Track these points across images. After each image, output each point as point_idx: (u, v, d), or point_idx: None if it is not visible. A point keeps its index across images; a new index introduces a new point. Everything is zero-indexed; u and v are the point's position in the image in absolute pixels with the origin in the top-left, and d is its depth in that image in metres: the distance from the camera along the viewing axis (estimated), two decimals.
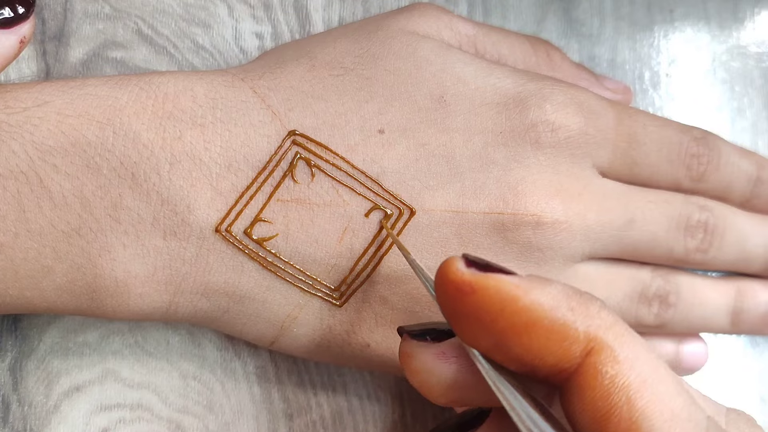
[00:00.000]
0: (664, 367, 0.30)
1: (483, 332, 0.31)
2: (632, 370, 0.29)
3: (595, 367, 0.29)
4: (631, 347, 0.30)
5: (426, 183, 0.40)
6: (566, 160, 0.42)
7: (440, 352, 0.34)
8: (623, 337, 0.30)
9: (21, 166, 0.36)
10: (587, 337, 0.30)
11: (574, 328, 0.30)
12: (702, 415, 0.30)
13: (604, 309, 0.31)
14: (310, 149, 0.39)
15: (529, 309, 0.30)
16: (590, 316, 0.30)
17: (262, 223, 0.39)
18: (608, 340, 0.30)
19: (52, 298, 0.38)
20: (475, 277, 0.30)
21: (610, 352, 0.29)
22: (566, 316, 0.30)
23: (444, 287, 0.31)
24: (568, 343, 0.30)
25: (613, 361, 0.29)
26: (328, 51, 0.42)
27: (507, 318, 0.30)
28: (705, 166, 0.45)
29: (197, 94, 0.39)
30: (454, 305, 0.31)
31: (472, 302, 0.30)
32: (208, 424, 0.45)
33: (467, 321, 0.31)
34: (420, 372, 0.34)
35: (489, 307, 0.30)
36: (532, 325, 0.30)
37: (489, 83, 0.42)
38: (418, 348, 0.34)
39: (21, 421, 0.43)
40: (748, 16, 0.53)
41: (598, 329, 0.30)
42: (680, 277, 0.46)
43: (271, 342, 0.42)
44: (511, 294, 0.30)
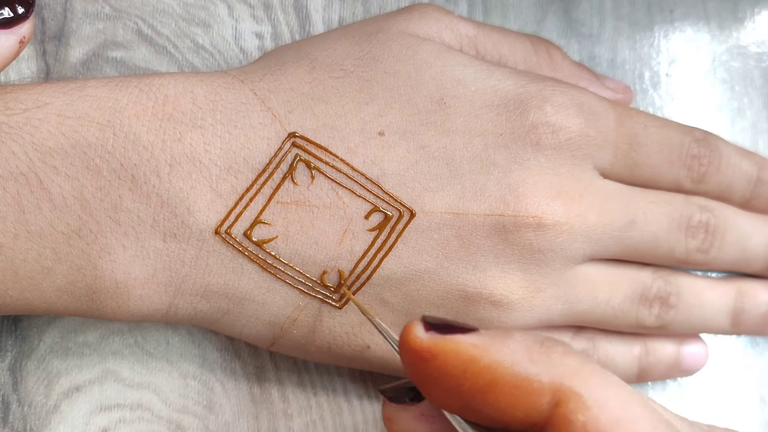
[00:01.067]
0: (638, 401, 0.30)
1: (450, 395, 0.31)
2: (603, 413, 0.29)
3: (565, 416, 0.29)
4: (600, 390, 0.29)
5: (426, 185, 0.40)
6: (567, 161, 0.42)
7: (419, 413, 0.34)
8: (591, 379, 0.29)
9: (21, 168, 0.36)
10: (552, 388, 0.29)
11: (537, 380, 0.29)
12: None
13: (569, 353, 0.30)
14: (310, 151, 0.39)
15: (490, 368, 0.30)
16: (553, 364, 0.30)
17: (261, 225, 0.39)
18: (575, 386, 0.29)
19: (52, 299, 0.38)
20: (434, 341, 0.30)
21: (578, 398, 0.29)
22: (528, 369, 0.29)
23: (405, 354, 0.31)
24: (534, 397, 0.29)
25: (582, 407, 0.29)
26: (328, 53, 0.42)
27: (470, 380, 0.30)
28: (706, 167, 0.45)
29: (197, 96, 0.39)
30: (417, 372, 0.31)
31: (434, 368, 0.30)
32: (208, 424, 0.45)
33: (433, 385, 0.31)
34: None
35: (450, 371, 0.30)
36: (495, 384, 0.30)
37: (489, 85, 0.42)
38: (397, 412, 0.35)
39: (21, 421, 0.43)
40: (748, 16, 0.53)
41: (563, 377, 0.29)
42: (681, 279, 0.46)
43: (271, 343, 0.42)
44: (470, 355, 0.30)
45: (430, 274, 0.40)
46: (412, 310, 0.41)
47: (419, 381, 0.31)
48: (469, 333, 0.30)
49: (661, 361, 0.47)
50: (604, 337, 0.46)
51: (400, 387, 0.35)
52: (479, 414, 0.30)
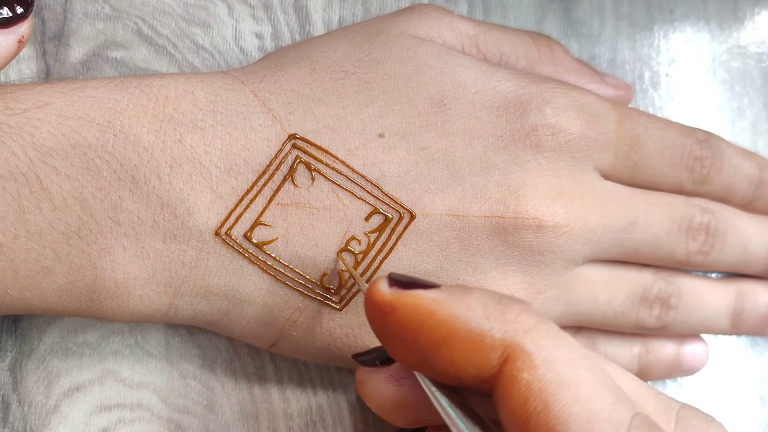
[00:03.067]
0: (588, 366, 0.30)
1: (408, 350, 0.31)
2: (549, 373, 0.29)
3: (511, 373, 0.29)
4: (550, 350, 0.29)
5: (426, 187, 0.40)
6: (567, 163, 0.42)
7: (389, 375, 0.35)
8: (543, 339, 0.30)
9: (21, 168, 0.36)
10: (503, 344, 0.30)
11: (490, 336, 0.30)
12: (626, 413, 0.29)
13: (525, 312, 0.31)
14: (310, 153, 0.39)
15: (446, 322, 0.30)
16: (507, 321, 0.30)
17: (262, 227, 0.39)
18: (525, 344, 0.29)
19: (52, 299, 0.38)
20: (394, 295, 0.31)
21: (527, 356, 0.29)
22: (482, 325, 0.30)
23: (369, 308, 0.32)
24: (485, 353, 0.30)
25: (529, 366, 0.29)
26: (329, 54, 0.42)
27: (426, 333, 0.30)
28: (708, 168, 0.45)
29: (198, 97, 0.39)
30: (379, 326, 0.32)
31: (394, 321, 0.31)
32: (208, 424, 0.45)
33: (393, 340, 0.32)
34: (373, 396, 0.36)
35: (408, 324, 0.31)
36: (449, 338, 0.30)
37: (489, 87, 0.42)
38: (368, 374, 0.36)
39: (21, 421, 0.43)
40: (748, 16, 0.53)
41: (515, 334, 0.30)
42: (681, 279, 0.46)
43: (271, 344, 0.42)
44: (428, 309, 0.30)
45: (431, 275, 0.40)
46: None
47: (381, 335, 0.32)
48: (430, 289, 0.31)
49: (662, 361, 0.47)
50: (603, 337, 0.46)
51: (372, 352, 0.37)
52: (435, 369, 0.31)
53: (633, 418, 0.29)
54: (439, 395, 0.31)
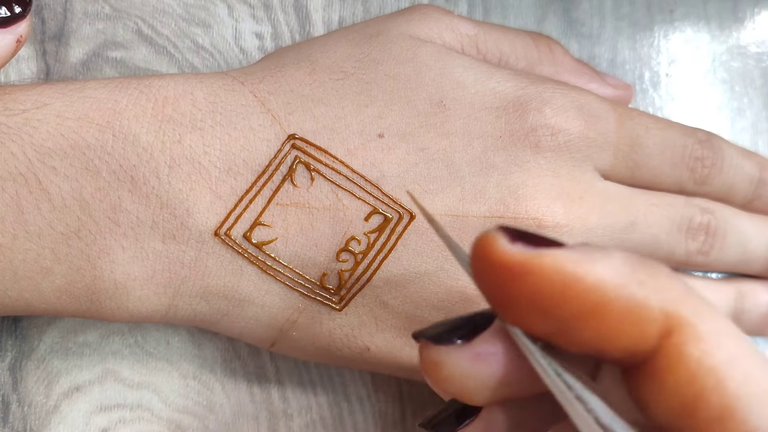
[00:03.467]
0: (747, 339, 0.26)
1: (542, 318, 0.27)
2: (718, 348, 0.26)
3: (678, 348, 0.26)
4: (712, 321, 0.26)
5: (426, 187, 0.40)
6: (567, 163, 0.42)
7: (475, 353, 0.30)
8: (701, 308, 0.26)
9: (20, 168, 0.36)
10: (664, 315, 0.26)
11: (647, 306, 0.26)
12: None
13: (673, 277, 0.27)
14: (309, 153, 0.39)
15: (595, 289, 0.26)
16: (663, 288, 0.26)
17: (261, 227, 0.39)
18: (687, 315, 0.26)
19: (52, 300, 0.38)
20: (528, 255, 0.26)
21: (692, 329, 0.26)
22: (637, 293, 0.26)
23: (488, 271, 0.27)
24: (643, 325, 0.26)
25: (696, 339, 0.26)
26: (328, 55, 0.42)
27: (570, 302, 0.26)
28: (709, 169, 0.45)
29: (197, 98, 0.39)
30: (503, 291, 0.27)
31: (528, 286, 0.26)
32: (208, 424, 0.45)
33: (522, 308, 0.27)
34: (455, 379, 0.30)
35: (548, 291, 0.26)
36: (600, 307, 0.26)
37: (488, 87, 0.42)
38: (447, 354, 0.30)
39: (21, 421, 0.43)
40: (748, 16, 0.53)
41: (674, 304, 0.26)
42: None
43: (271, 345, 0.42)
44: (573, 273, 0.26)
45: (430, 276, 0.40)
46: (413, 312, 0.41)
47: (503, 303, 0.28)
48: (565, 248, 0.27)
49: None
50: None
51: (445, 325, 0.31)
52: (574, 341, 0.27)
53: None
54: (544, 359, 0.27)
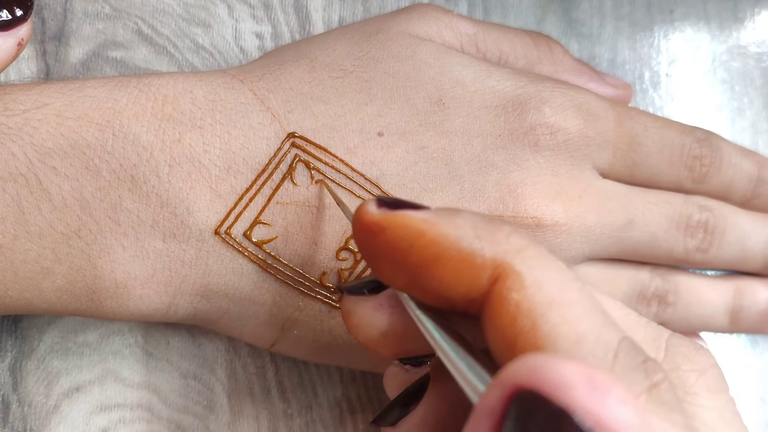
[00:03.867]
0: (578, 288, 0.29)
1: (397, 270, 0.31)
2: (539, 293, 0.28)
3: (501, 293, 0.28)
4: (540, 270, 0.29)
5: (425, 185, 0.40)
6: (566, 162, 0.42)
7: (377, 303, 0.34)
8: (533, 260, 0.29)
9: (20, 168, 0.36)
10: (494, 264, 0.29)
11: (480, 255, 0.29)
12: (614, 336, 0.28)
13: (515, 233, 0.30)
14: (309, 151, 0.39)
15: (436, 242, 0.29)
16: (497, 242, 0.29)
17: (261, 226, 0.39)
18: (515, 264, 0.29)
19: (52, 300, 0.38)
20: (383, 215, 0.30)
21: (517, 276, 0.28)
22: (473, 244, 0.29)
23: (358, 230, 0.31)
24: (475, 272, 0.29)
25: (519, 285, 0.28)
26: (328, 53, 0.42)
27: (416, 253, 0.30)
28: (707, 167, 0.45)
29: (196, 96, 0.39)
30: (367, 246, 0.31)
31: (383, 241, 0.30)
32: (208, 424, 0.45)
33: (381, 261, 0.31)
34: (360, 326, 0.34)
35: (397, 244, 0.30)
36: (439, 257, 0.29)
37: (488, 86, 0.42)
38: (356, 303, 0.34)
39: (21, 421, 0.43)
40: (748, 16, 0.53)
41: (505, 254, 0.29)
42: (679, 277, 0.46)
43: (272, 344, 0.42)
44: (418, 228, 0.30)
45: None
46: None
47: (369, 256, 0.32)
48: (419, 210, 0.30)
49: None
50: None
51: (360, 281, 0.35)
52: (424, 290, 0.31)
53: (621, 341, 0.28)
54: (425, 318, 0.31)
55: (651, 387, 0.28)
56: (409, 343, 0.34)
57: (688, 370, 0.31)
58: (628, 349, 0.28)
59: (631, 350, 0.28)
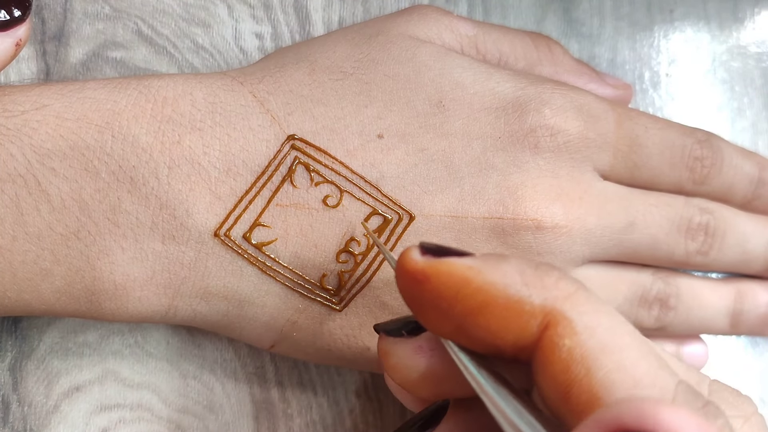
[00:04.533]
0: (630, 333, 0.29)
1: (443, 318, 0.31)
2: (591, 339, 0.28)
3: (552, 340, 0.28)
4: (591, 316, 0.29)
5: (425, 188, 0.40)
6: (566, 164, 0.42)
7: (417, 346, 0.34)
8: (583, 306, 0.29)
9: (19, 170, 0.36)
10: (543, 311, 0.29)
11: (529, 302, 0.29)
12: (670, 380, 0.28)
13: (564, 279, 0.30)
14: (309, 154, 0.39)
15: (483, 289, 0.29)
16: (546, 288, 0.29)
17: (261, 228, 0.39)
18: (565, 310, 0.29)
19: (51, 301, 0.38)
20: (428, 263, 0.30)
21: (568, 323, 0.28)
22: (521, 291, 0.29)
23: (402, 278, 0.31)
24: (525, 319, 0.29)
25: (570, 332, 0.28)
26: (328, 55, 0.41)
27: (462, 301, 0.30)
28: (708, 168, 0.45)
29: (196, 98, 0.39)
30: (412, 294, 0.31)
31: (428, 290, 0.30)
32: (208, 424, 0.45)
33: (427, 309, 0.31)
34: (399, 368, 0.34)
35: (443, 292, 0.30)
36: (486, 305, 0.29)
37: (488, 88, 0.42)
38: (394, 345, 0.34)
39: (21, 421, 0.43)
40: (748, 16, 0.53)
41: (555, 301, 0.29)
42: (680, 280, 0.46)
43: (271, 345, 0.42)
44: (464, 276, 0.30)
45: None
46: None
47: (413, 305, 0.32)
48: (464, 257, 0.30)
49: None
50: None
51: (398, 321, 0.35)
52: (471, 337, 0.30)
53: (678, 385, 0.28)
54: (468, 362, 0.31)
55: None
56: (448, 385, 0.34)
57: (733, 416, 0.31)
58: (686, 393, 0.28)
59: (688, 394, 0.28)
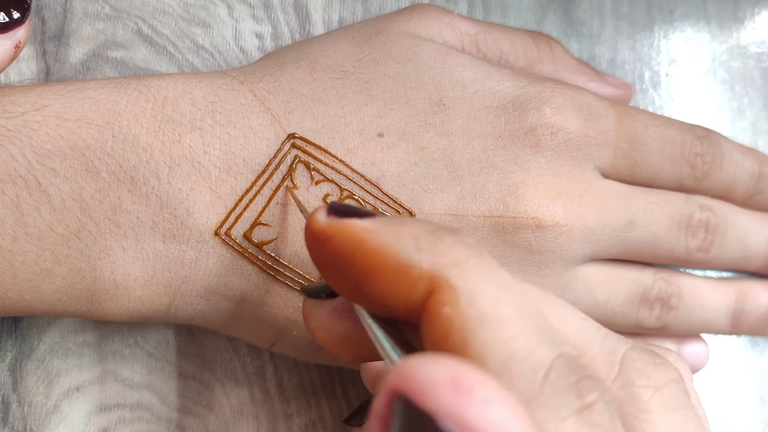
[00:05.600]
0: (517, 303, 0.28)
1: (341, 279, 0.30)
2: (471, 308, 0.27)
3: (434, 307, 0.28)
4: (476, 284, 0.28)
5: (425, 186, 0.40)
6: (566, 162, 0.42)
7: (333, 308, 0.34)
8: (472, 273, 0.28)
9: (19, 170, 0.36)
10: (430, 276, 0.28)
11: (417, 266, 0.28)
12: (548, 354, 0.27)
13: (458, 244, 0.29)
14: (309, 152, 0.39)
15: (376, 252, 0.29)
16: (437, 253, 0.28)
17: (261, 227, 0.39)
18: (451, 276, 0.28)
19: (52, 301, 0.38)
20: (329, 224, 0.30)
21: (451, 290, 0.28)
22: (411, 255, 0.28)
23: (307, 237, 0.31)
24: (411, 284, 0.28)
25: (453, 299, 0.27)
26: (328, 54, 0.42)
27: (357, 263, 0.29)
28: (709, 164, 0.45)
29: (196, 98, 0.39)
30: (315, 254, 0.31)
31: (328, 249, 0.30)
32: (208, 424, 0.45)
33: (328, 268, 0.31)
34: (319, 330, 0.34)
35: (341, 253, 0.30)
36: (378, 267, 0.29)
37: (488, 87, 0.42)
38: (314, 306, 0.34)
39: (21, 421, 0.43)
40: (748, 16, 0.53)
41: (443, 267, 0.28)
42: (682, 280, 0.46)
43: (271, 344, 0.42)
44: (360, 238, 0.29)
45: None
46: None
47: (317, 264, 0.31)
48: (366, 218, 0.30)
49: None
50: None
51: (319, 284, 0.35)
52: (367, 299, 0.30)
53: (556, 359, 0.27)
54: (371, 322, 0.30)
55: (582, 408, 0.27)
56: (364, 348, 0.33)
57: (642, 386, 0.31)
58: (562, 368, 0.27)
59: (564, 369, 0.27)
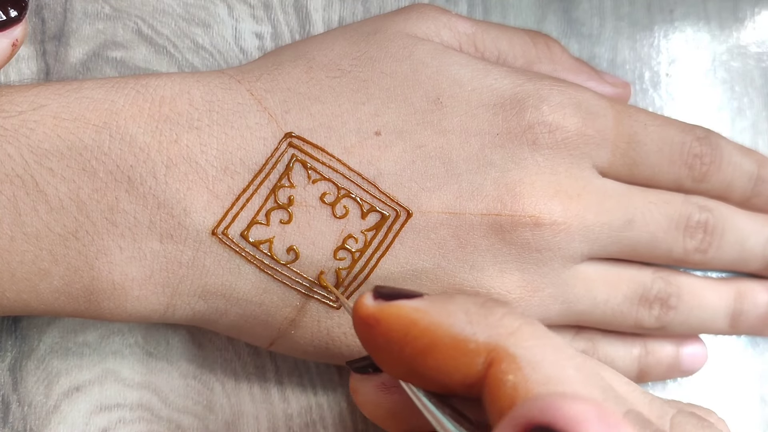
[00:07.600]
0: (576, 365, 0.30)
1: (395, 361, 0.31)
2: (535, 373, 0.28)
3: (497, 376, 0.29)
4: (534, 351, 0.29)
5: (423, 185, 0.40)
6: (564, 161, 0.42)
7: (380, 383, 0.35)
8: (527, 341, 0.29)
9: (17, 170, 0.36)
10: (487, 348, 0.29)
11: (473, 340, 0.30)
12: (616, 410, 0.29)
13: (508, 315, 0.30)
14: (306, 151, 0.39)
15: (430, 330, 0.30)
16: (490, 325, 0.30)
17: (258, 226, 0.39)
18: (509, 346, 0.29)
19: (49, 301, 0.38)
20: (378, 308, 0.31)
21: (511, 359, 0.29)
22: (465, 330, 0.30)
23: (356, 323, 0.32)
24: (470, 357, 0.30)
25: (514, 367, 0.29)
26: (325, 53, 0.42)
27: (411, 343, 0.30)
28: (708, 165, 0.45)
29: (194, 97, 0.39)
30: (366, 338, 0.32)
31: (379, 334, 0.31)
32: (208, 424, 0.45)
33: (380, 352, 0.32)
34: (366, 405, 0.36)
35: (393, 335, 0.31)
36: (433, 345, 0.30)
37: (485, 84, 0.42)
38: (361, 382, 0.36)
39: (21, 421, 0.43)
40: (748, 16, 0.52)
41: (499, 337, 0.29)
42: (681, 279, 0.46)
43: (270, 343, 0.42)
44: (411, 318, 0.30)
45: (428, 273, 0.40)
46: None
47: (369, 348, 0.32)
48: (413, 299, 0.31)
49: (661, 362, 0.47)
50: (603, 338, 0.46)
51: (365, 359, 0.36)
52: (423, 378, 0.31)
53: (625, 415, 0.29)
54: (426, 400, 0.31)
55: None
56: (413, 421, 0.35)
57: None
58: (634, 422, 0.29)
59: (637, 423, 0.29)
